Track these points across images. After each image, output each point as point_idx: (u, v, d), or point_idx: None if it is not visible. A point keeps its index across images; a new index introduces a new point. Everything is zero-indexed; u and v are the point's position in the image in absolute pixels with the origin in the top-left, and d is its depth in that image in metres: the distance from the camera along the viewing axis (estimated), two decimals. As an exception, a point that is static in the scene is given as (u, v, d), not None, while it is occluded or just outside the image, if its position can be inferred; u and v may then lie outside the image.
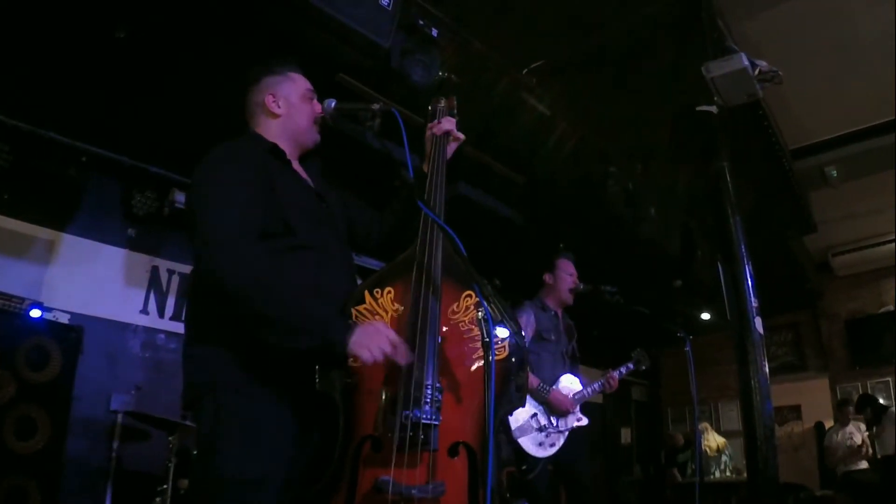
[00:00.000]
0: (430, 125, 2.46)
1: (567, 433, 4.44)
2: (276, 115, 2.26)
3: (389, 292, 2.04)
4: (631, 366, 4.75)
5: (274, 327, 1.84)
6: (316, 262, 2.06)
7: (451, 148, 2.43)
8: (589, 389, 4.57)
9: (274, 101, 2.27)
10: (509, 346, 1.96)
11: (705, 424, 10.34)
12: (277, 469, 1.87)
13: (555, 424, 4.38)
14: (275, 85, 2.29)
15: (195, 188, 2.02)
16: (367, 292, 2.04)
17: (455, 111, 2.55)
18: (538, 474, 4.26)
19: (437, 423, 1.83)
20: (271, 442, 1.88)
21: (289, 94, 2.29)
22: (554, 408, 4.36)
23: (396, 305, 2.02)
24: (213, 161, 2.05)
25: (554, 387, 4.42)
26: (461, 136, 2.44)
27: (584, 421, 4.55)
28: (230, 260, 1.85)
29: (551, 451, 4.33)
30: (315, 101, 2.33)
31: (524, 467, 4.24)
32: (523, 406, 2.12)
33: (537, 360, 4.41)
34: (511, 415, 4.13)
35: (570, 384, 4.54)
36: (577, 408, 4.52)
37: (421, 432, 1.81)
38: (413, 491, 1.75)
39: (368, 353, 1.80)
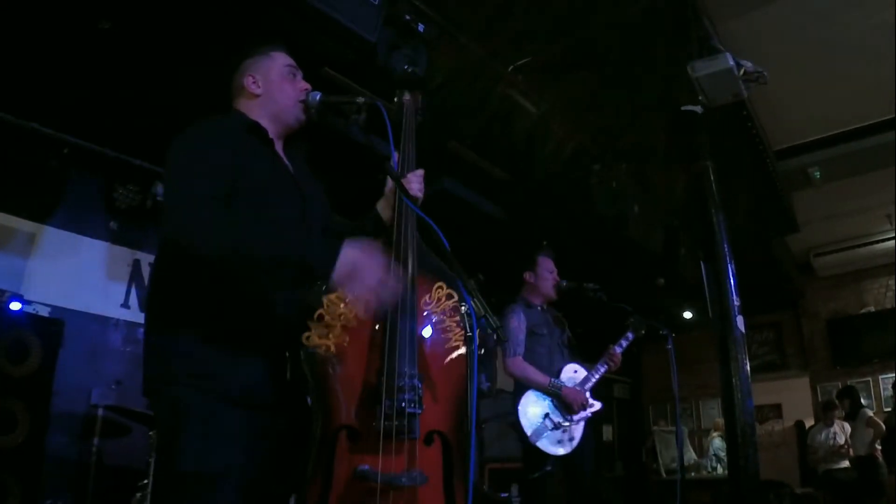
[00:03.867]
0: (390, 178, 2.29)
1: (584, 422, 4.41)
2: (255, 95, 2.22)
3: None
4: (630, 335, 4.70)
5: (253, 264, 1.85)
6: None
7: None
8: (594, 374, 4.53)
9: (253, 82, 2.23)
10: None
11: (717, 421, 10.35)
12: (241, 461, 1.83)
13: (570, 417, 4.34)
14: (254, 65, 2.26)
15: (167, 163, 1.98)
16: None
17: (420, 107, 2.51)
18: (545, 471, 4.22)
19: (419, 412, 1.87)
20: (233, 434, 1.84)
21: (267, 72, 2.25)
22: (567, 404, 4.31)
23: None
24: (185, 137, 2.01)
25: (557, 378, 4.39)
26: (419, 195, 2.28)
27: (598, 405, 4.51)
28: (197, 222, 1.82)
29: (573, 445, 4.30)
30: (299, 78, 2.29)
31: (548, 469, 4.18)
32: (485, 390, 2.18)
33: (531, 356, 4.40)
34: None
35: (572, 374, 4.52)
36: (589, 395, 4.47)
37: (405, 421, 1.84)
38: (402, 479, 1.79)
39: (356, 288, 1.83)
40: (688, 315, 9.74)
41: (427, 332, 2.03)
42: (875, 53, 5.37)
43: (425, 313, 2.04)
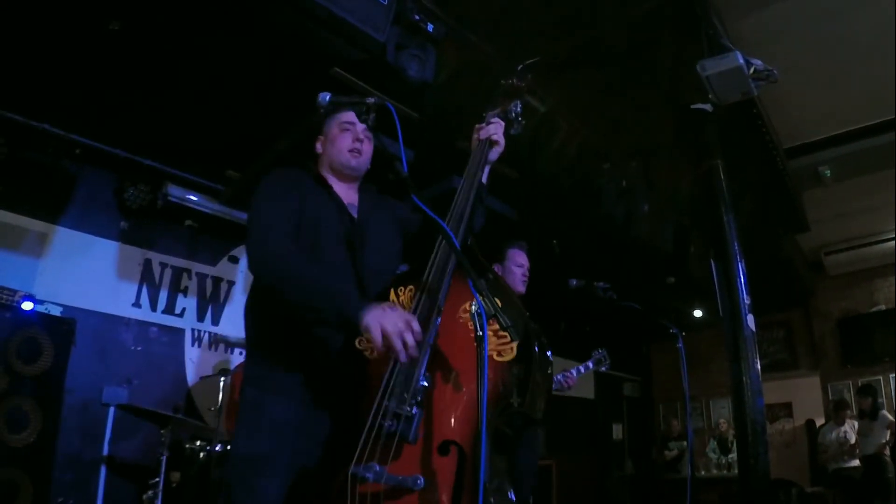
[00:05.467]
0: (476, 127, 2.49)
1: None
2: (320, 153, 2.55)
3: (411, 290, 2.12)
4: (590, 364, 4.70)
5: (301, 307, 2.05)
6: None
7: (494, 153, 2.45)
8: None
9: (319, 144, 2.57)
10: (517, 348, 1.90)
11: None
12: (282, 449, 2.05)
13: None
14: (323, 128, 2.57)
15: (249, 208, 2.32)
16: (392, 290, 2.16)
17: (513, 114, 2.55)
18: None
19: (412, 415, 1.84)
20: (275, 424, 2.08)
21: (328, 132, 2.54)
22: None
23: (413, 303, 2.07)
24: (259, 186, 2.34)
25: None
26: (500, 140, 2.45)
27: None
28: (265, 261, 2.15)
29: None
30: (355, 129, 2.48)
31: None
32: (537, 420, 2.08)
33: None
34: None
35: None
36: None
37: (392, 421, 1.84)
38: (368, 475, 1.80)
39: (379, 332, 1.87)
40: (698, 314, 9.72)
41: (459, 340, 1.96)
42: (885, 51, 5.34)
43: (462, 321, 2.00)
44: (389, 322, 1.87)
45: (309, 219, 2.27)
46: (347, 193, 2.47)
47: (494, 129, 2.45)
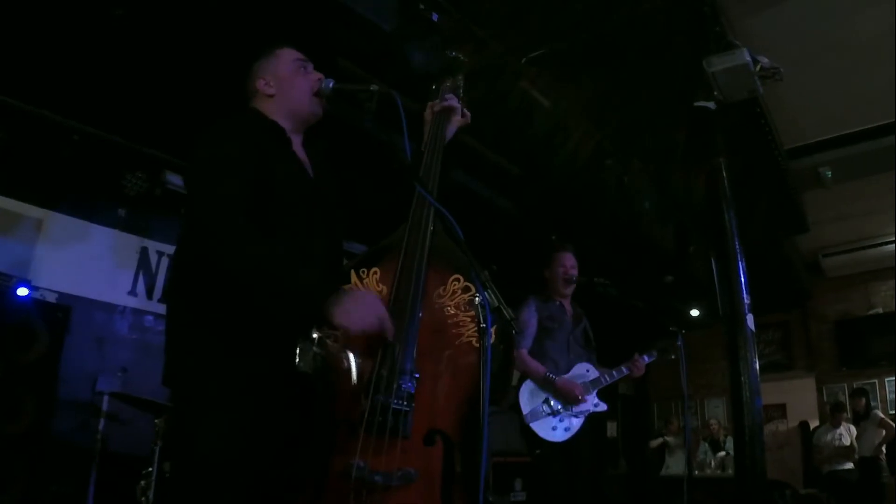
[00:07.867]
0: (430, 104, 2.44)
1: (584, 417, 4.40)
2: (270, 96, 2.23)
3: (375, 273, 2.01)
4: (655, 354, 4.75)
5: (263, 297, 1.81)
6: (293, 244, 2.01)
7: (453, 127, 2.42)
8: (607, 376, 4.53)
9: (265, 83, 2.24)
10: (496, 333, 1.85)
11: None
12: (255, 450, 1.85)
13: (569, 408, 4.34)
14: (264, 67, 2.27)
15: (192, 165, 2.00)
16: (353, 272, 2.01)
17: (460, 91, 2.52)
18: (548, 455, 4.23)
19: (408, 409, 1.79)
20: (246, 422, 1.85)
21: (276, 70, 2.25)
22: (562, 395, 4.31)
23: (381, 286, 1.99)
24: (210, 138, 2.03)
25: (565, 374, 4.40)
26: (466, 113, 2.44)
27: (603, 406, 4.52)
28: (222, 237, 1.83)
29: (567, 435, 4.29)
30: (310, 69, 2.28)
31: (537, 451, 4.21)
32: (502, 398, 2.07)
33: (540, 349, 4.38)
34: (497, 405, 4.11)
35: (583, 372, 4.49)
36: (594, 393, 4.47)
37: (391, 418, 1.77)
38: (377, 477, 1.71)
39: (351, 323, 1.75)
40: (694, 313, 9.71)
41: (436, 326, 1.94)
42: (889, 54, 5.32)
43: (437, 307, 1.96)
44: (358, 317, 1.76)
45: (273, 185, 2.00)
46: (298, 147, 2.24)
47: (453, 104, 2.44)
